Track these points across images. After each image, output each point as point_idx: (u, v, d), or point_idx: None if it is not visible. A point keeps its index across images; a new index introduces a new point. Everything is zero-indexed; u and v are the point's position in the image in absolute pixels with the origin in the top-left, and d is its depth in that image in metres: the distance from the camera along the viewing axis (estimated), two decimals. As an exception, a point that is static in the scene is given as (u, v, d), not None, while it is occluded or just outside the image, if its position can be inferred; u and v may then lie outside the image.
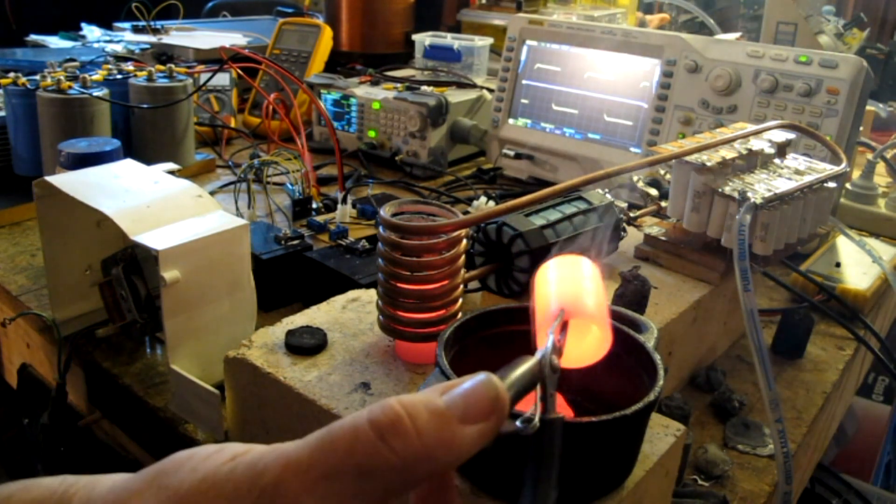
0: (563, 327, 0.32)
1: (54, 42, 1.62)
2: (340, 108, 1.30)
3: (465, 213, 0.60)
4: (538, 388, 0.29)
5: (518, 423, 0.28)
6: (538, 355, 0.30)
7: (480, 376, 0.26)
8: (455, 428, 0.24)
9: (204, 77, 1.20)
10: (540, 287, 0.34)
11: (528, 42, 1.17)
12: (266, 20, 1.98)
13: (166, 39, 1.58)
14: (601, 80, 1.11)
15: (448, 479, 0.29)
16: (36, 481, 0.27)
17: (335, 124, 1.30)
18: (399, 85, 1.29)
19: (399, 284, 0.52)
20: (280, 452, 0.24)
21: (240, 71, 1.28)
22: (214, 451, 0.25)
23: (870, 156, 1.16)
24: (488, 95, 1.30)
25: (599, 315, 0.34)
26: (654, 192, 0.85)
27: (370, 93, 1.26)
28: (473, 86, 1.34)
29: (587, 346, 0.35)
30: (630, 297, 0.59)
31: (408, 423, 0.23)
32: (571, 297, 0.33)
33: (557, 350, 0.31)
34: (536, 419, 0.28)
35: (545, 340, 0.31)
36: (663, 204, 0.78)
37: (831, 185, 0.73)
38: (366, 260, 0.81)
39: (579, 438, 0.39)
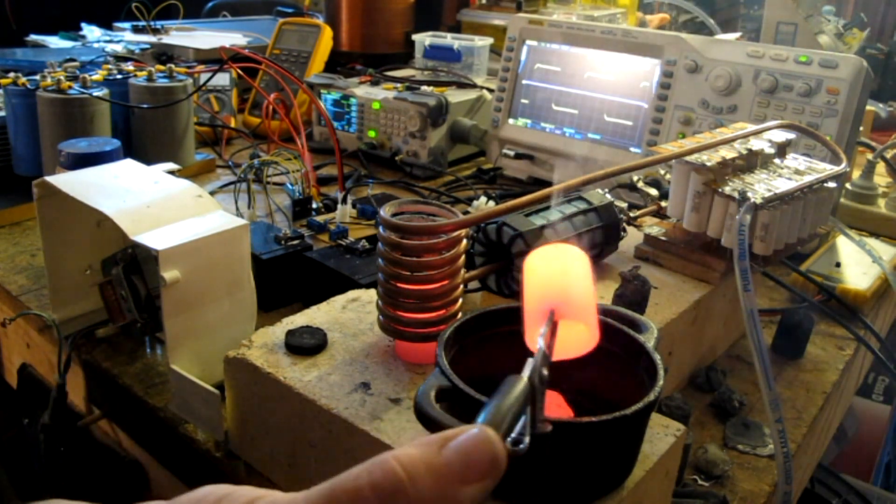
0: (553, 330, 0.32)
1: (54, 42, 1.62)
2: (340, 108, 1.30)
3: (465, 213, 0.60)
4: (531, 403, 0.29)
5: (509, 446, 0.27)
6: (527, 372, 0.30)
7: (478, 431, 0.26)
8: (454, 489, 0.24)
9: (204, 77, 1.20)
10: (529, 280, 0.34)
11: (528, 42, 1.17)
12: (266, 20, 1.98)
13: (166, 39, 1.58)
14: (601, 80, 1.11)
15: None
16: None
17: (335, 124, 1.30)
18: (399, 85, 1.29)
19: (399, 284, 0.52)
20: None
21: (240, 71, 1.28)
22: (218, 500, 0.25)
23: (870, 156, 1.16)
24: (488, 95, 1.30)
25: (588, 315, 0.33)
26: (654, 192, 0.85)
27: (370, 93, 1.26)
28: (473, 86, 1.34)
29: (575, 340, 0.35)
30: (630, 297, 0.59)
31: (409, 488, 0.23)
32: (560, 296, 0.33)
33: (547, 360, 0.31)
34: (526, 439, 0.28)
35: (535, 341, 0.31)
36: (663, 204, 0.78)
37: (831, 185, 0.73)
38: (366, 260, 0.81)
39: (579, 438, 0.39)
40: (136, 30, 1.66)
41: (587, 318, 0.33)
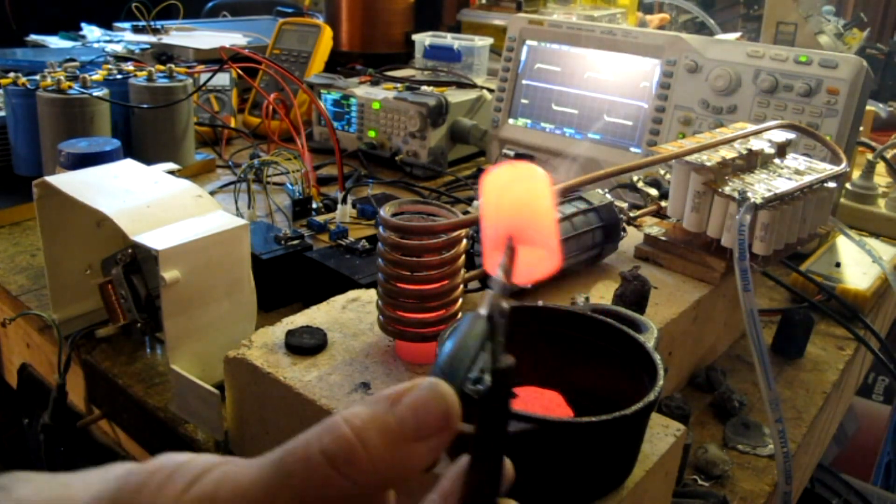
0: (512, 259, 0.31)
1: (54, 42, 1.62)
2: (340, 108, 1.30)
3: (465, 213, 0.60)
4: (490, 339, 0.28)
5: (469, 386, 0.27)
6: (485, 308, 0.28)
7: (430, 386, 0.25)
8: (407, 447, 0.24)
9: (204, 77, 1.20)
10: (486, 202, 0.32)
11: (528, 42, 1.17)
12: (266, 20, 1.98)
13: (166, 39, 1.58)
14: (601, 80, 1.11)
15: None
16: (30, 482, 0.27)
17: (335, 124, 1.30)
18: (399, 85, 1.29)
19: (399, 284, 0.52)
20: (236, 485, 0.24)
21: (240, 71, 1.28)
22: (172, 473, 0.24)
23: (870, 156, 1.16)
24: (488, 95, 1.30)
25: (549, 239, 0.31)
26: (654, 192, 0.85)
27: (370, 93, 1.26)
28: (473, 86, 1.34)
29: (535, 264, 0.33)
30: (630, 297, 0.59)
31: (360, 451, 0.23)
32: (519, 222, 0.31)
33: (506, 291, 0.29)
34: (487, 377, 0.27)
35: (493, 268, 0.30)
36: (663, 204, 0.78)
37: (831, 185, 0.73)
38: (366, 260, 0.81)
39: (579, 438, 0.39)
40: (136, 30, 1.66)
41: (547, 243, 0.31)
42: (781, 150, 0.75)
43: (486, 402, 0.28)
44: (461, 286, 0.55)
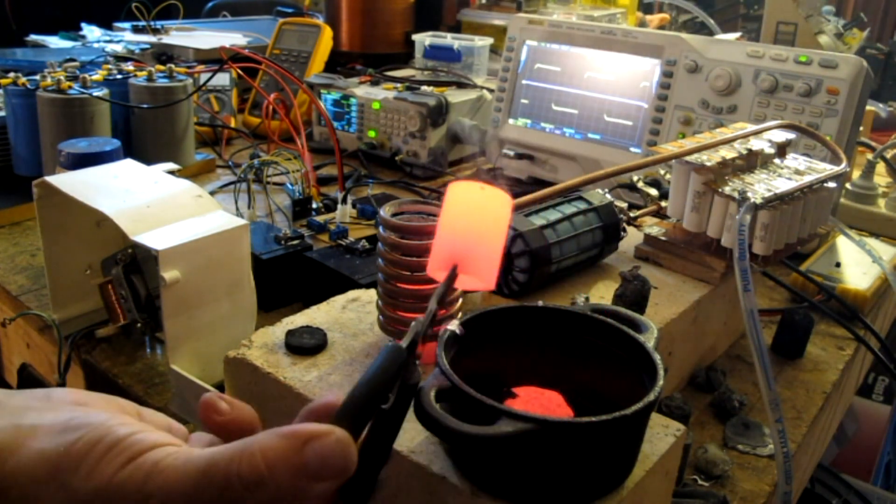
0: (450, 284, 0.35)
1: (54, 42, 1.62)
2: (340, 108, 1.30)
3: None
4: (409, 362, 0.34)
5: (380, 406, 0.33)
6: (407, 338, 0.34)
7: (335, 439, 0.30)
8: (308, 485, 0.29)
9: (204, 77, 1.20)
10: (445, 214, 0.35)
11: (528, 42, 1.17)
12: (266, 20, 1.98)
13: (166, 39, 1.58)
14: (601, 80, 1.11)
15: None
16: None
17: (335, 124, 1.30)
18: (399, 85, 1.29)
19: (399, 284, 0.52)
20: (167, 479, 0.28)
21: (240, 71, 1.28)
22: (113, 445, 0.29)
23: (870, 156, 1.16)
24: (488, 95, 1.30)
25: (489, 270, 0.34)
26: (654, 192, 0.85)
27: (370, 93, 1.26)
28: (473, 86, 1.34)
29: (466, 285, 0.36)
30: (630, 297, 0.59)
31: (269, 481, 0.28)
32: (470, 247, 0.34)
33: (434, 320, 0.35)
34: (391, 398, 0.33)
35: (436, 276, 0.34)
36: (663, 204, 0.78)
37: (831, 185, 0.73)
38: (366, 260, 0.81)
39: (579, 438, 0.39)
40: (136, 30, 1.66)
41: (487, 274, 0.34)
42: (781, 150, 0.75)
43: (384, 417, 0.33)
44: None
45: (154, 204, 0.64)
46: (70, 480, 0.28)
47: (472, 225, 0.34)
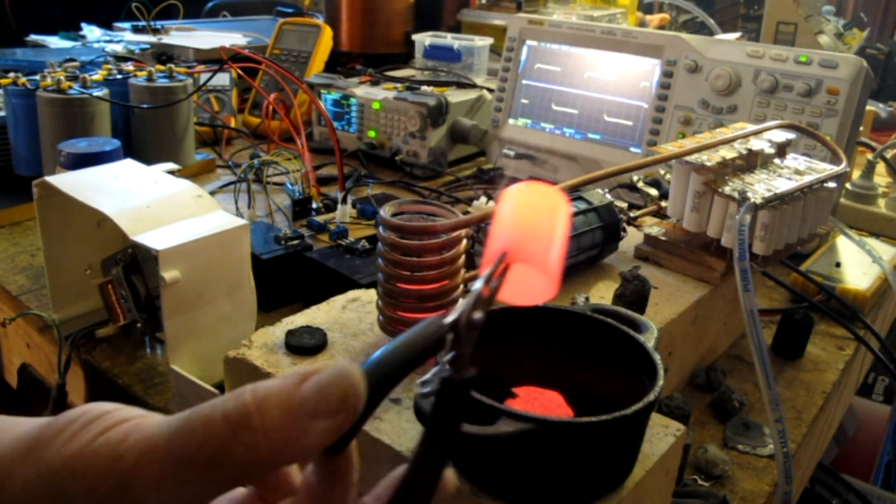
0: (502, 272, 0.30)
1: (54, 42, 1.62)
2: (340, 108, 1.30)
3: (465, 213, 0.60)
4: (452, 346, 0.28)
5: (418, 386, 0.27)
6: (452, 315, 0.28)
7: (338, 368, 0.26)
8: (302, 423, 0.25)
9: (204, 77, 1.20)
10: (498, 213, 0.31)
11: (528, 42, 1.17)
12: (266, 20, 1.98)
13: (166, 39, 1.58)
14: (601, 80, 1.11)
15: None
16: None
17: (335, 124, 1.30)
18: (399, 85, 1.29)
19: (399, 284, 0.52)
20: (143, 436, 0.25)
21: (240, 71, 1.28)
22: (92, 420, 0.26)
23: (870, 156, 1.16)
24: (488, 95, 1.30)
25: (545, 264, 0.30)
26: (654, 192, 0.85)
27: (370, 93, 1.26)
28: (473, 86, 1.34)
29: (531, 287, 0.31)
30: (630, 297, 0.59)
31: (257, 420, 0.24)
32: (520, 238, 0.30)
33: (483, 302, 0.29)
34: (434, 382, 0.27)
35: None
36: (663, 204, 0.78)
37: (831, 185, 0.73)
38: (366, 260, 0.81)
39: (579, 438, 0.39)
40: (136, 30, 1.66)
41: (546, 266, 0.30)
42: (781, 150, 0.75)
43: (433, 409, 0.28)
44: (461, 286, 0.55)
45: (154, 204, 0.64)
46: (44, 454, 0.26)
47: (522, 216, 0.31)
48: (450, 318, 0.28)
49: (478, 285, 0.29)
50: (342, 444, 0.27)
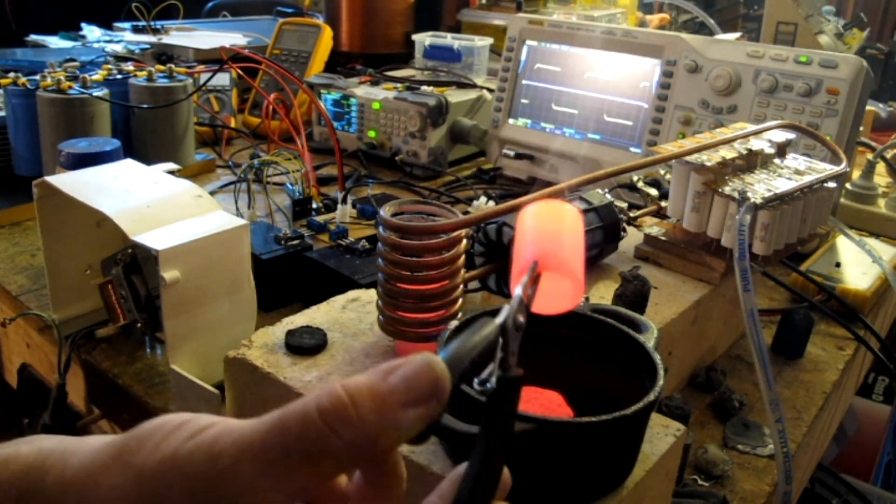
0: (535, 279, 0.32)
1: (54, 42, 1.62)
2: (340, 108, 1.30)
3: (465, 213, 0.60)
4: (502, 347, 0.29)
5: (476, 384, 0.28)
6: (501, 316, 0.30)
7: (422, 358, 0.27)
8: (396, 413, 0.26)
9: (204, 77, 1.21)
10: (518, 231, 0.34)
11: (528, 42, 1.17)
12: (266, 20, 1.98)
13: (166, 39, 1.58)
14: (601, 80, 1.11)
15: (391, 455, 0.30)
16: (13, 453, 0.29)
17: (335, 124, 1.30)
18: (399, 85, 1.29)
19: (399, 284, 0.52)
20: (237, 436, 0.26)
21: (240, 71, 1.28)
22: (176, 427, 0.26)
23: (870, 156, 1.16)
24: (488, 95, 1.30)
25: (574, 270, 0.33)
26: (654, 192, 0.85)
27: (370, 93, 1.26)
28: (473, 86, 1.34)
29: (559, 295, 0.34)
30: (630, 297, 0.59)
31: (351, 411, 0.25)
32: (547, 248, 0.32)
33: (524, 307, 0.31)
34: (493, 379, 0.28)
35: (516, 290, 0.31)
36: (663, 204, 0.78)
37: (831, 185, 0.73)
38: (366, 260, 0.81)
39: (579, 438, 0.39)
40: (136, 30, 1.66)
41: (573, 273, 0.33)
42: (781, 150, 0.75)
43: (490, 407, 0.29)
44: (461, 286, 0.55)
45: (154, 204, 0.64)
46: (135, 461, 0.26)
47: (545, 228, 0.33)
48: (499, 321, 0.30)
49: (518, 291, 0.31)
50: (427, 433, 0.28)
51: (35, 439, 0.30)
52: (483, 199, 1.02)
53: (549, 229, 0.33)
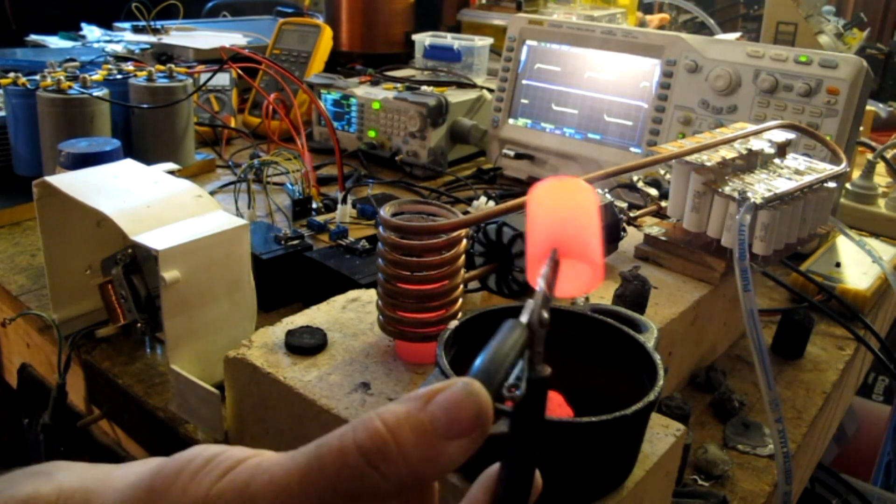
0: (555, 269, 0.30)
1: (54, 42, 1.62)
2: (340, 108, 1.30)
3: (465, 213, 0.60)
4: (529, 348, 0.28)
5: (505, 392, 0.27)
6: (525, 315, 0.28)
7: (464, 386, 0.25)
8: (439, 446, 0.24)
9: (204, 77, 1.21)
10: (532, 216, 0.32)
11: (528, 42, 1.17)
12: (266, 20, 1.98)
13: (166, 39, 1.58)
14: (601, 80, 1.11)
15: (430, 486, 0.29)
16: (32, 494, 0.27)
17: (335, 124, 1.30)
18: (399, 85, 1.29)
19: (399, 284, 0.52)
20: (271, 476, 0.24)
21: (240, 71, 1.28)
22: (206, 462, 0.25)
23: (870, 156, 1.16)
24: (488, 95, 1.30)
25: (593, 254, 0.31)
26: (654, 192, 0.85)
27: (370, 93, 1.26)
28: (473, 86, 1.34)
29: (579, 279, 0.32)
30: (630, 297, 0.59)
31: (393, 447, 0.23)
32: (564, 234, 0.31)
33: (547, 301, 0.29)
34: (523, 384, 0.27)
35: (537, 281, 0.30)
36: (663, 204, 0.78)
37: (831, 185, 0.73)
38: (366, 260, 0.81)
39: (579, 438, 0.39)
40: (136, 30, 1.66)
41: (590, 256, 0.31)
42: (781, 150, 0.75)
43: (520, 410, 0.27)
44: (461, 286, 0.55)
45: (154, 204, 0.64)
46: (164, 501, 0.25)
47: (561, 213, 0.32)
48: (524, 319, 0.28)
49: (541, 285, 0.29)
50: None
51: (54, 472, 0.28)
52: (483, 199, 1.02)
53: (565, 211, 0.31)
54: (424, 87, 1.27)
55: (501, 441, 0.28)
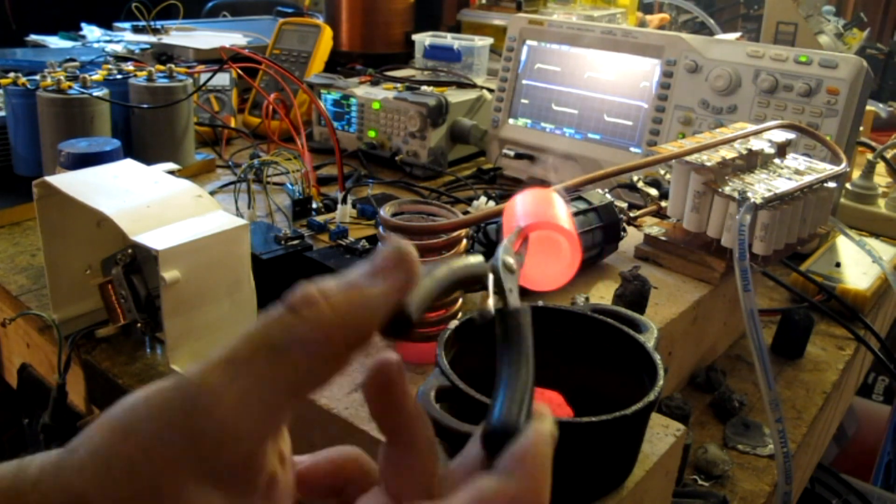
0: (524, 240, 0.33)
1: (54, 42, 1.62)
2: (340, 108, 1.30)
3: (465, 213, 0.60)
4: (495, 284, 0.30)
5: (476, 314, 0.29)
6: (493, 260, 0.31)
7: (390, 242, 0.26)
8: (363, 288, 0.25)
9: (204, 77, 1.20)
10: (506, 215, 0.36)
11: (528, 42, 1.17)
12: (266, 20, 1.98)
13: (166, 39, 1.58)
14: (601, 80, 1.11)
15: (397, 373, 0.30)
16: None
17: (335, 124, 1.30)
18: (399, 85, 1.29)
19: (399, 284, 0.52)
20: (208, 357, 0.24)
21: (240, 71, 1.28)
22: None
23: (870, 156, 1.16)
24: (488, 95, 1.30)
25: (562, 224, 0.34)
26: (654, 192, 0.85)
27: (370, 93, 1.26)
28: (473, 86, 1.34)
29: (556, 266, 0.35)
30: (630, 297, 0.59)
31: (316, 294, 0.24)
32: (533, 212, 0.34)
33: (514, 254, 0.31)
34: (492, 309, 0.30)
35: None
36: (663, 204, 0.78)
37: (831, 185, 0.73)
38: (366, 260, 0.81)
39: (579, 438, 0.39)
40: (136, 30, 1.66)
41: (559, 224, 0.34)
42: (781, 150, 0.75)
43: (502, 330, 0.31)
44: (461, 286, 0.55)
45: (154, 204, 0.64)
46: (114, 411, 0.26)
47: (531, 201, 0.36)
48: (489, 261, 0.30)
49: (505, 240, 0.32)
50: (406, 325, 0.27)
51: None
52: (483, 199, 1.02)
53: (535, 201, 0.35)
54: (424, 87, 1.27)
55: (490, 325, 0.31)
